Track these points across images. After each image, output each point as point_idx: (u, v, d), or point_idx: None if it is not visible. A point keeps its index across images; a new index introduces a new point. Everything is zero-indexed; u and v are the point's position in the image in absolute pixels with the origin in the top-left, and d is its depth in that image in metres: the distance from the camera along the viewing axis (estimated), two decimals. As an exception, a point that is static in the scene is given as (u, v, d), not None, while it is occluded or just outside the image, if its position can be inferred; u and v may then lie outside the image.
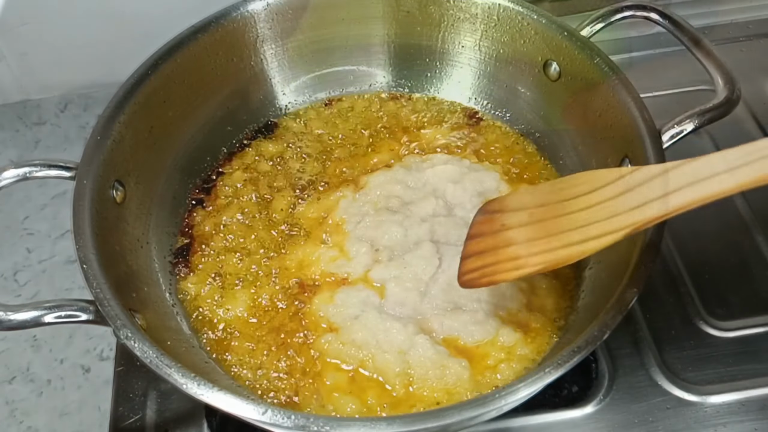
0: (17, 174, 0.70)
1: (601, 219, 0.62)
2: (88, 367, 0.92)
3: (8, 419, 0.88)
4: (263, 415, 0.56)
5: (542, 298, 0.75)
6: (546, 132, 0.89)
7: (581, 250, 0.63)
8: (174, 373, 0.58)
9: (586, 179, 0.65)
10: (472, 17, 0.89)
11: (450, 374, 0.68)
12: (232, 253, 0.81)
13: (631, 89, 0.75)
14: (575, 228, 0.63)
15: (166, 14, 0.99)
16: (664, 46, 1.07)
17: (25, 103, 1.21)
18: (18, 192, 1.08)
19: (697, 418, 0.75)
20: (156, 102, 0.80)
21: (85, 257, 0.65)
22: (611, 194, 0.62)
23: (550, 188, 0.69)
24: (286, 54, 0.92)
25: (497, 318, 0.73)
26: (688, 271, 0.86)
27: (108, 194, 0.73)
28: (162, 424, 0.76)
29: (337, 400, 0.68)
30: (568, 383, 0.79)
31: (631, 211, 0.60)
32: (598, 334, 0.59)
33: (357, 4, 0.90)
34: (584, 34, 0.82)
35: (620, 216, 0.61)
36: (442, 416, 0.55)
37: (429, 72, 0.95)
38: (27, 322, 0.63)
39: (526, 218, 0.67)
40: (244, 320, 0.76)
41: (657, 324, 0.81)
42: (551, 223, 0.65)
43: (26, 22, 1.11)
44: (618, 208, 0.61)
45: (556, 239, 0.64)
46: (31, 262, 1.01)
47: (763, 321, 0.82)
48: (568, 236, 0.64)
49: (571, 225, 0.64)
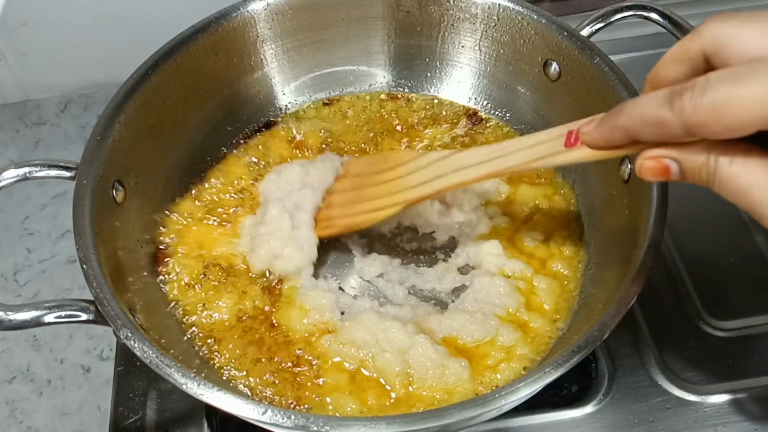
0: (17, 174, 0.70)
1: (390, 193, 0.71)
2: (88, 367, 0.92)
3: (8, 419, 0.88)
4: (263, 414, 0.56)
5: (542, 297, 0.75)
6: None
7: (370, 218, 0.73)
8: (174, 373, 0.58)
9: (394, 156, 0.75)
10: (472, 17, 0.89)
11: (450, 374, 0.68)
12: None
13: (631, 89, 0.75)
14: (371, 199, 0.73)
15: (166, 14, 1.00)
16: (664, 46, 1.06)
17: (25, 103, 1.21)
18: (18, 192, 1.08)
19: (697, 418, 0.75)
20: (156, 102, 0.80)
21: (85, 257, 0.65)
22: (403, 172, 0.71)
23: (370, 160, 0.80)
24: (286, 54, 0.92)
25: (496, 317, 0.73)
26: (688, 271, 0.86)
27: (108, 194, 0.73)
28: (162, 424, 0.76)
29: (337, 400, 0.68)
30: (568, 383, 0.79)
31: (410, 189, 0.69)
32: (598, 334, 0.59)
33: (357, 4, 0.90)
34: (584, 34, 0.82)
35: (402, 192, 0.70)
36: (442, 416, 0.55)
37: (429, 72, 0.95)
38: (27, 322, 0.63)
39: (348, 185, 0.77)
40: (235, 321, 0.75)
41: (657, 324, 0.81)
42: (359, 192, 0.75)
43: (26, 22, 1.12)
44: (403, 185, 0.70)
45: (356, 207, 0.74)
46: (31, 262, 1.02)
47: (763, 321, 0.82)
48: (364, 205, 0.73)
49: (371, 196, 0.73)
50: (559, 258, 0.78)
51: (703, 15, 1.13)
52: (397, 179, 0.71)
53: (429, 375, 0.69)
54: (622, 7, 0.82)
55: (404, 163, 0.71)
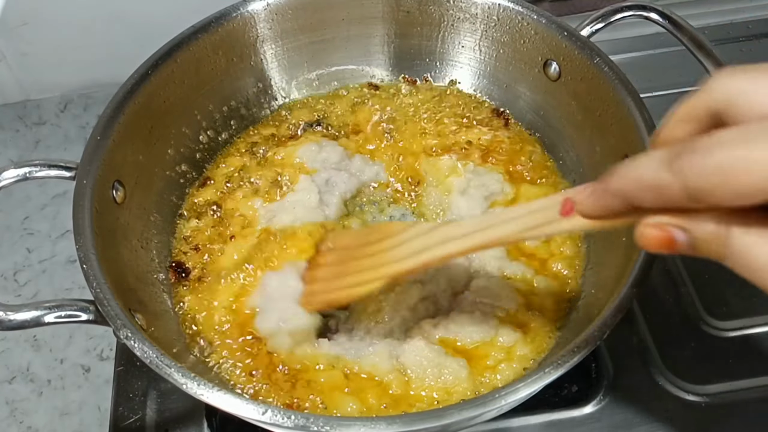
0: (17, 174, 0.70)
1: (374, 266, 0.67)
2: (88, 367, 0.92)
3: (8, 419, 0.88)
4: (263, 414, 0.56)
5: (542, 298, 0.75)
6: (546, 132, 0.89)
7: (350, 293, 0.68)
8: (174, 372, 0.58)
9: (382, 228, 0.70)
10: (472, 17, 0.89)
11: (448, 373, 0.68)
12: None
13: (631, 89, 0.75)
14: (354, 273, 0.69)
15: (166, 14, 1.00)
16: (664, 46, 1.07)
17: (25, 103, 1.21)
18: (18, 192, 1.08)
19: (697, 418, 0.75)
20: (156, 102, 0.80)
21: (85, 257, 0.65)
22: (389, 245, 0.67)
23: (359, 233, 0.77)
24: (286, 54, 0.92)
25: (496, 318, 0.73)
26: (688, 271, 0.86)
27: (108, 194, 0.73)
28: (162, 424, 0.76)
29: (337, 400, 0.68)
30: (568, 383, 0.79)
31: (395, 262, 0.65)
32: (598, 334, 0.59)
33: (357, 4, 0.90)
34: (584, 34, 0.82)
35: (387, 265, 0.66)
36: (442, 416, 0.55)
37: (429, 72, 0.95)
38: (27, 322, 0.63)
39: (334, 258, 0.73)
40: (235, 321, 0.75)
41: (657, 324, 0.81)
42: (345, 266, 0.71)
43: (26, 22, 1.12)
44: (388, 258, 0.66)
45: (339, 281, 0.70)
46: (31, 262, 1.02)
47: (763, 321, 0.82)
48: (346, 280, 0.69)
49: (354, 269, 0.69)
50: (560, 258, 0.78)
51: (703, 15, 1.13)
52: (383, 252, 0.67)
53: (427, 374, 0.69)
54: (622, 7, 0.82)
55: (392, 235, 0.68)
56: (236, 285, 0.76)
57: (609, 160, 0.78)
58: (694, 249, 0.42)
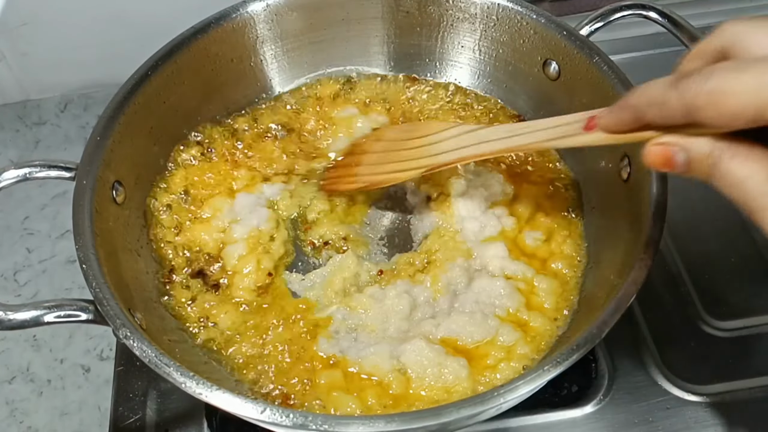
0: (17, 174, 0.70)
1: (415, 157, 0.76)
2: (88, 367, 0.92)
3: (8, 419, 0.88)
4: (262, 413, 0.56)
5: (542, 297, 0.75)
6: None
7: (393, 177, 0.78)
8: (174, 372, 0.58)
9: (426, 125, 0.80)
10: (472, 17, 0.89)
11: (448, 372, 0.68)
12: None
13: (630, 89, 0.75)
14: (397, 161, 0.78)
15: (166, 15, 1.00)
16: (664, 46, 1.07)
17: (25, 103, 1.22)
18: (18, 192, 1.08)
19: (697, 418, 0.75)
20: (156, 102, 0.80)
21: (85, 257, 0.65)
22: (430, 140, 0.75)
23: (406, 127, 0.85)
24: (286, 54, 0.92)
25: (496, 318, 0.73)
26: (688, 271, 0.86)
27: (108, 194, 0.73)
28: (162, 424, 0.76)
29: (337, 400, 0.68)
30: (567, 383, 0.79)
31: (434, 156, 0.74)
32: (597, 332, 0.59)
33: (357, 4, 0.90)
34: (583, 33, 0.82)
35: (426, 158, 0.75)
36: (441, 414, 0.55)
37: (428, 72, 0.95)
38: (27, 322, 0.63)
39: (379, 147, 0.82)
40: (239, 321, 0.75)
41: (657, 324, 0.81)
42: (389, 154, 0.80)
43: (26, 22, 1.12)
44: (428, 152, 0.75)
45: (383, 167, 0.79)
46: (31, 262, 1.02)
47: (763, 321, 0.82)
48: (389, 166, 0.79)
49: (397, 158, 0.78)
50: (560, 257, 0.78)
51: (703, 15, 1.13)
52: (424, 146, 0.75)
53: (427, 374, 0.68)
54: (622, 7, 0.82)
55: (434, 132, 0.75)
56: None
57: (609, 157, 0.78)
58: (689, 168, 0.49)
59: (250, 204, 0.82)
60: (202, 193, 0.83)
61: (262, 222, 0.80)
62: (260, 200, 0.83)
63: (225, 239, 0.80)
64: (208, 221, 0.81)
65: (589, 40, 0.81)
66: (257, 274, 0.77)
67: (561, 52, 0.83)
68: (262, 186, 0.84)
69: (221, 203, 0.82)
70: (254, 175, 0.85)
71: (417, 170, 0.75)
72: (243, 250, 0.78)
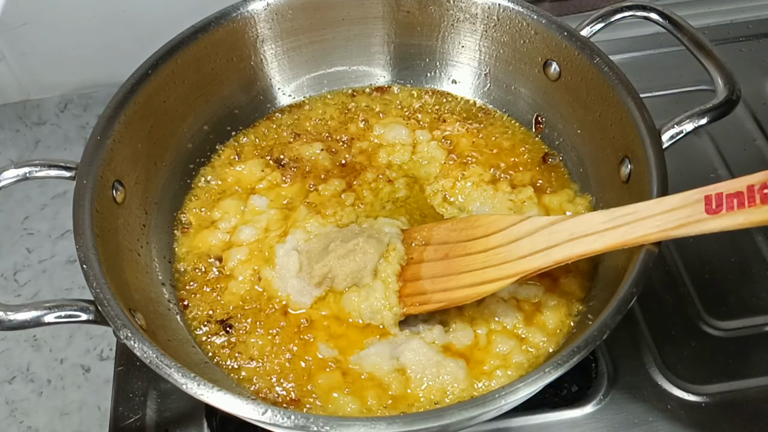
0: (17, 174, 0.70)
1: (494, 264, 0.65)
2: (88, 367, 0.92)
3: (8, 419, 0.88)
4: (263, 415, 0.56)
5: (546, 316, 0.73)
6: (546, 132, 0.89)
7: (476, 293, 0.67)
8: (174, 373, 0.58)
9: (483, 222, 0.68)
10: (472, 17, 0.89)
11: (446, 374, 0.68)
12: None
13: (631, 89, 0.75)
14: (471, 270, 0.67)
15: (166, 14, 1.00)
16: (664, 46, 1.07)
17: (25, 103, 1.22)
18: (18, 192, 1.08)
19: (697, 418, 0.75)
20: (156, 102, 0.80)
21: (85, 257, 0.65)
22: (504, 240, 0.65)
23: (452, 226, 0.73)
24: (286, 54, 0.92)
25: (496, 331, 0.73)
26: (688, 271, 0.86)
27: (108, 194, 0.73)
28: (162, 424, 0.76)
29: (337, 400, 0.68)
30: (568, 383, 0.79)
31: (520, 260, 0.64)
32: (598, 334, 0.59)
33: (357, 4, 0.90)
34: (584, 34, 0.82)
35: (511, 263, 0.64)
36: (443, 416, 0.55)
37: (429, 72, 0.95)
38: (27, 322, 0.63)
39: (436, 254, 0.71)
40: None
41: (657, 324, 0.81)
42: (452, 262, 0.69)
43: (26, 22, 1.12)
44: (509, 256, 0.65)
45: (454, 279, 0.68)
46: (31, 262, 1.02)
47: (763, 321, 0.82)
48: (464, 278, 0.67)
49: (468, 267, 0.67)
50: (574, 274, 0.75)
51: (703, 15, 1.13)
52: (498, 248, 0.65)
53: (426, 374, 0.68)
54: (622, 7, 0.82)
55: (502, 229, 0.66)
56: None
57: (609, 160, 0.78)
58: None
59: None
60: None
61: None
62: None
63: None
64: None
65: (589, 41, 0.81)
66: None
67: (562, 53, 0.83)
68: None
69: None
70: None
71: (507, 279, 0.64)
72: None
